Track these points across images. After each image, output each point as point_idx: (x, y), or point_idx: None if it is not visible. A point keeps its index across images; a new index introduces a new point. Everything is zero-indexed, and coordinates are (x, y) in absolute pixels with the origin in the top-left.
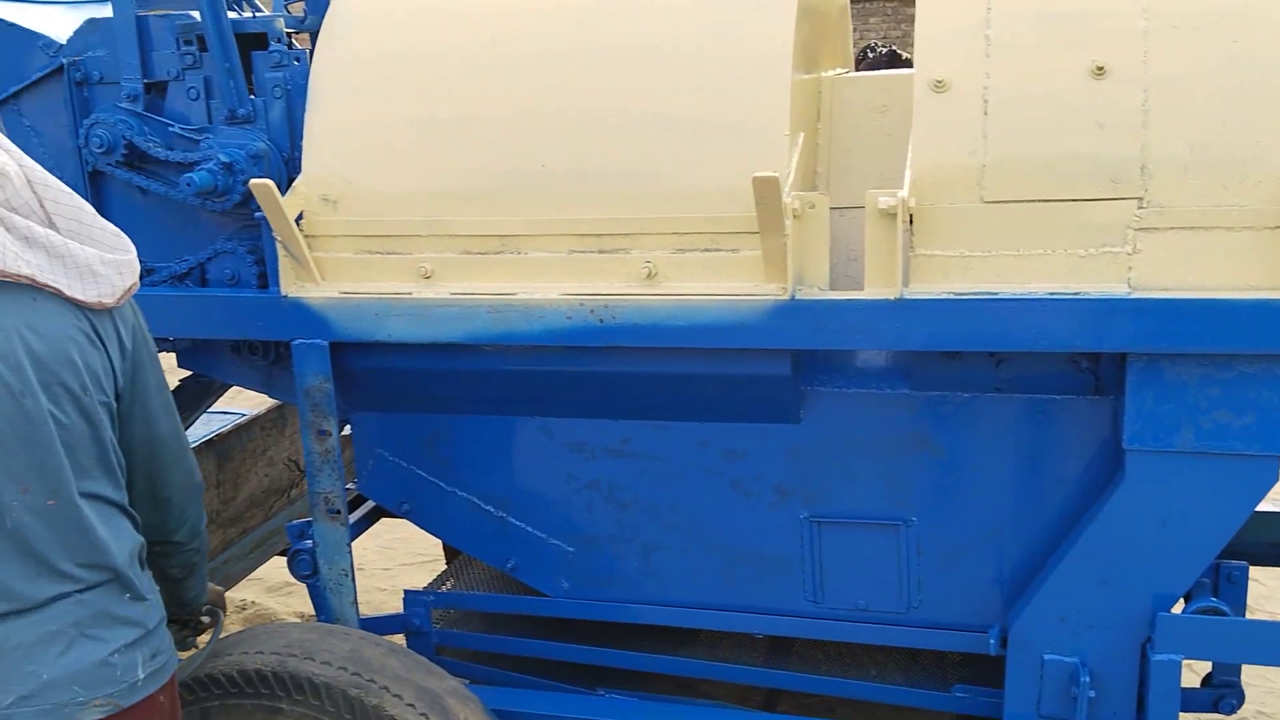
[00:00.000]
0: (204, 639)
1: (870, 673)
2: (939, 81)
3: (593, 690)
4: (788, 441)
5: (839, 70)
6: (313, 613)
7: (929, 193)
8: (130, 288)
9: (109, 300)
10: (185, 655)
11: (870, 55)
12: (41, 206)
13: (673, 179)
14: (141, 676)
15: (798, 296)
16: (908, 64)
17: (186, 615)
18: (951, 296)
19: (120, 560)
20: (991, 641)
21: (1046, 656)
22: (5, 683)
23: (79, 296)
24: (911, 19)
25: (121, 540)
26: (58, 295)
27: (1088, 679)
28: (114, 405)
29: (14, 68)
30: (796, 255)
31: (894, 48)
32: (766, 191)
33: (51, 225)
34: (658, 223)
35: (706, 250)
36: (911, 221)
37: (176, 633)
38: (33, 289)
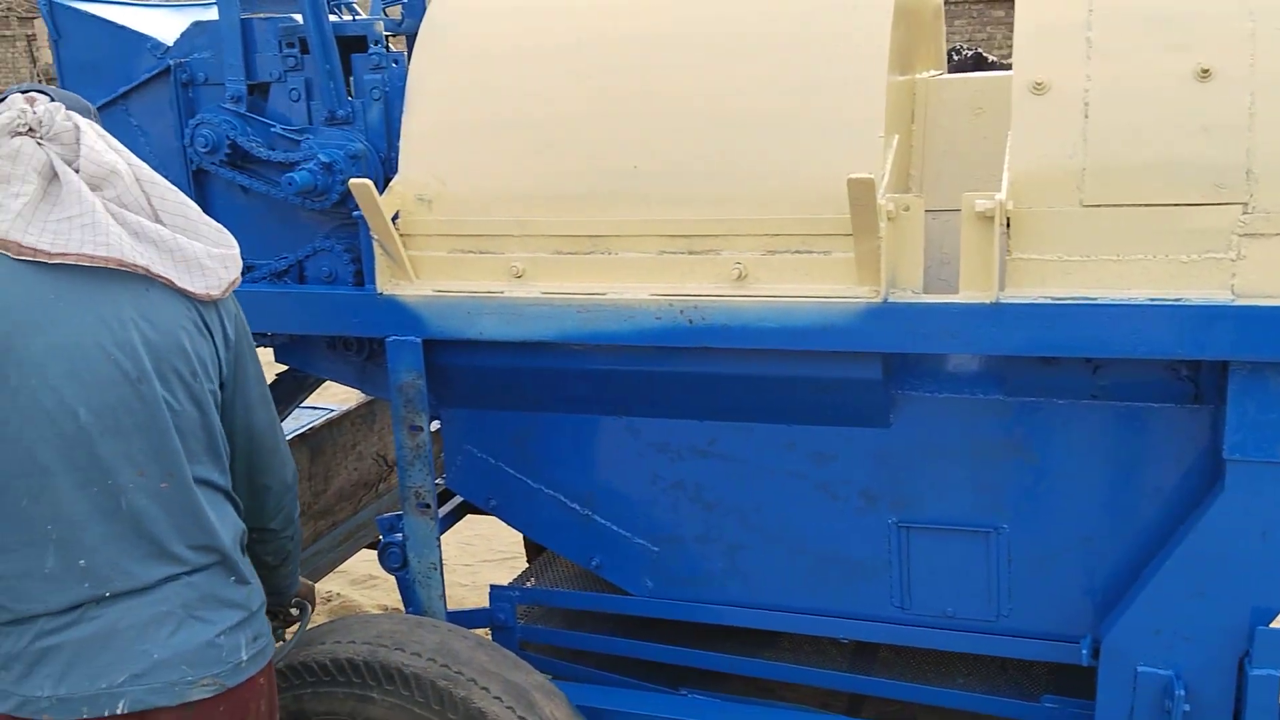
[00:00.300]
0: (291, 633)
1: (957, 681)
2: (1038, 83)
3: (675, 690)
4: (876, 445)
5: (933, 72)
6: (395, 606)
7: (1027, 196)
8: (234, 281)
9: (215, 292)
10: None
11: (955, 58)
12: (149, 203)
13: (765, 180)
14: (245, 658)
15: (890, 299)
16: (994, 67)
17: (278, 607)
18: (1049, 301)
19: (227, 544)
20: (1084, 652)
21: (1140, 669)
22: (119, 662)
23: (188, 288)
24: (997, 21)
25: (227, 524)
26: (169, 286)
27: (1183, 692)
28: (219, 393)
29: (123, 69)
30: (890, 258)
31: (980, 50)
32: (861, 193)
33: (158, 220)
34: (749, 224)
35: (798, 252)
36: (1008, 225)
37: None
38: (146, 280)
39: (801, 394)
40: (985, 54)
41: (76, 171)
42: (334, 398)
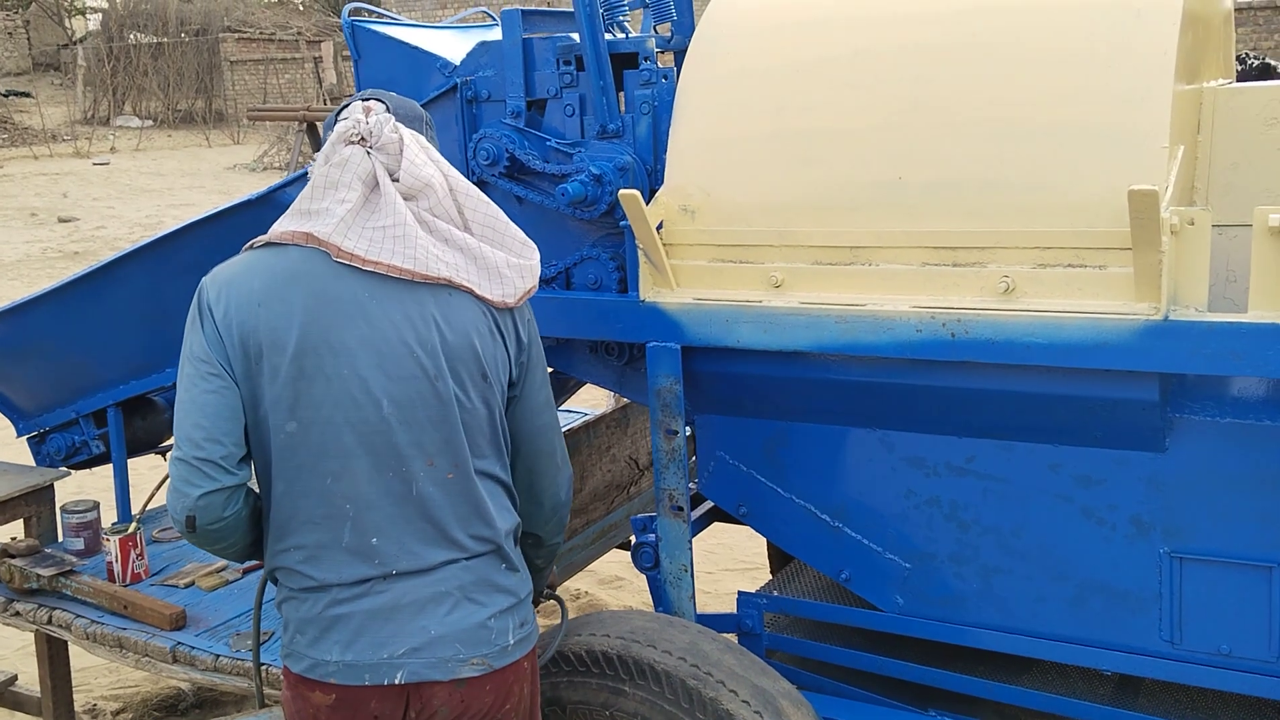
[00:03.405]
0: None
1: None
2: None
3: (924, 710)
4: (1149, 470)
5: (1221, 81)
6: (641, 608)
7: None
8: (529, 290)
9: (511, 300)
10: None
11: (1240, 67)
12: (460, 213)
13: (1037, 191)
14: (512, 641)
15: (1171, 317)
16: None
17: (536, 597)
18: None
19: (502, 533)
20: None
21: None
22: (400, 635)
23: (486, 295)
24: None
25: (504, 516)
26: (469, 293)
27: None
28: (506, 394)
29: (415, 87)
30: (1172, 273)
31: (1268, 59)
32: (1144, 206)
33: (468, 230)
34: (1018, 236)
35: (1070, 266)
36: None
37: None
38: (449, 286)
39: (1069, 414)
40: (1273, 62)
41: (396, 181)
42: (580, 402)
